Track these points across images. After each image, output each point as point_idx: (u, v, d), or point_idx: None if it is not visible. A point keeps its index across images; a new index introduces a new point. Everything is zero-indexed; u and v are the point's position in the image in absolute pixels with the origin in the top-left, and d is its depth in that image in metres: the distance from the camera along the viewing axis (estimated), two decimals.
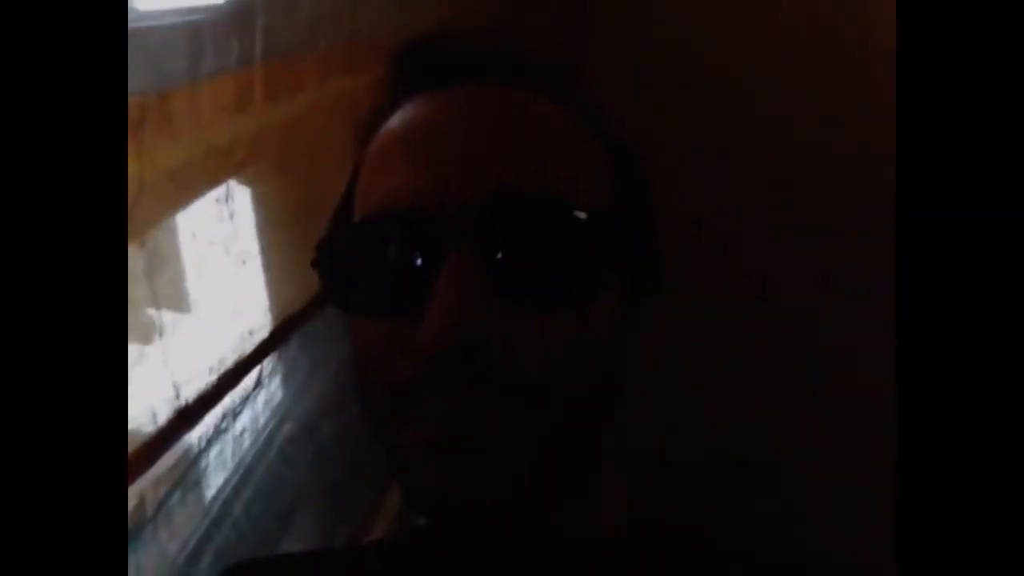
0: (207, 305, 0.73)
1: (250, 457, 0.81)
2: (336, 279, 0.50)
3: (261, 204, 0.76)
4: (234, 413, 0.78)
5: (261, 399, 0.81)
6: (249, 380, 0.78)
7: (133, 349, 0.66)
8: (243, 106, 0.70)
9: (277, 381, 0.84)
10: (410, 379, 0.45)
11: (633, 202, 0.52)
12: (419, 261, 0.45)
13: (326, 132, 0.79)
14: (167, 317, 0.69)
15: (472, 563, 0.50)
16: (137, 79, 0.59)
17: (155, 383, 0.66)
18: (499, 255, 0.44)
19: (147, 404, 0.65)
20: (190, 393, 0.69)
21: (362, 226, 0.50)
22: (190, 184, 0.68)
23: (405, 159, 0.48)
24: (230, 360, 0.75)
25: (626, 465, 0.55)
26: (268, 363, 0.81)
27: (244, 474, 0.81)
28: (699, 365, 0.99)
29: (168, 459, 0.68)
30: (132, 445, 0.62)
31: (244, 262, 0.81)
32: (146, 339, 0.68)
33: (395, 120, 0.51)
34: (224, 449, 0.77)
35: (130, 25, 0.51)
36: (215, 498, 0.77)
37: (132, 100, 0.59)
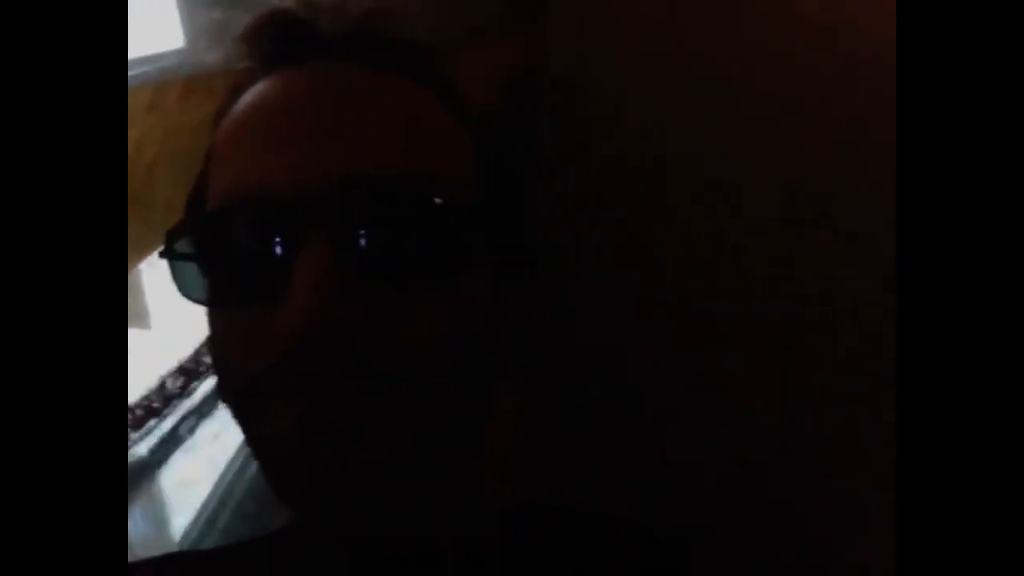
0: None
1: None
2: (189, 270, 0.47)
3: (173, 204, 0.73)
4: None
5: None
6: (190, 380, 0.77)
7: None
8: (155, 109, 0.67)
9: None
10: (272, 369, 0.43)
11: (497, 188, 0.51)
12: (277, 247, 0.43)
13: None
14: None
15: (344, 555, 0.48)
16: None
17: None
18: (358, 238, 0.43)
19: None
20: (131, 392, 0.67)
21: (216, 215, 0.47)
22: None
23: (255, 142, 0.46)
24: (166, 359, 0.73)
25: (510, 447, 0.55)
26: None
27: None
28: (698, 365, 1.00)
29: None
30: None
31: (151, 264, 0.78)
32: None
33: (246, 99, 0.48)
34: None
35: None
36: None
37: None
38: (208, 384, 0.82)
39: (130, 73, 0.63)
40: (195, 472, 0.81)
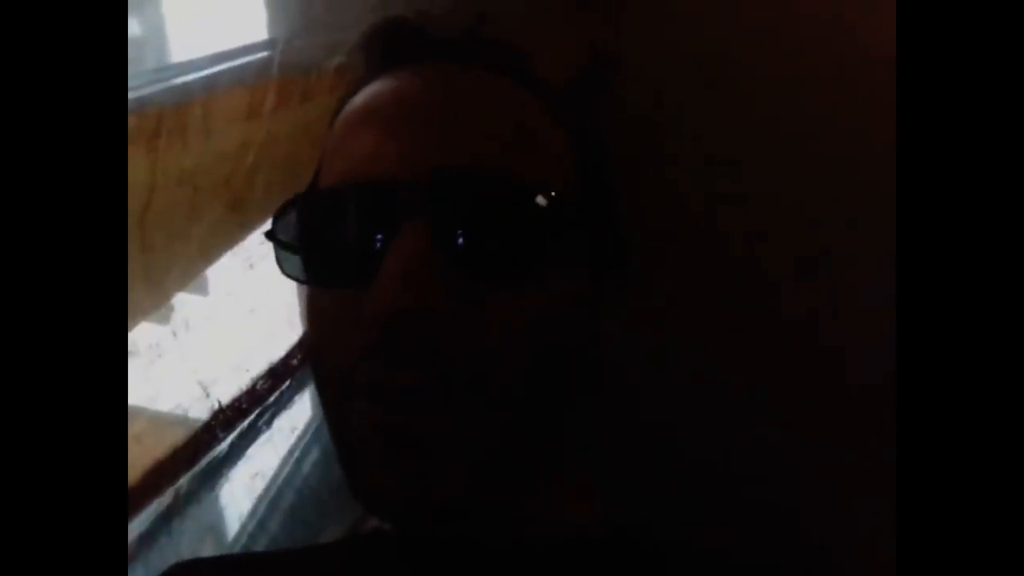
0: (223, 305, 0.75)
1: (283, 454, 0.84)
2: (292, 251, 0.48)
3: (269, 208, 0.78)
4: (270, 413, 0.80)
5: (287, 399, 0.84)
6: (279, 382, 0.80)
7: (152, 347, 0.69)
8: (254, 115, 0.72)
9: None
10: (360, 353, 0.43)
11: (596, 189, 0.51)
12: (375, 232, 0.44)
13: None
14: (182, 316, 0.72)
15: (426, 565, 0.48)
16: (155, 91, 0.62)
17: (179, 381, 0.68)
18: (455, 230, 0.44)
19: (176, 403, 0.67)
20: (223, 393, 0.71)
21: (320, 197, 0.49)
22: (201, 188, 0.70)
23: (366, 131, 0.47)
24: (259, 360, 0.77)
25: (589, 464, 0.53)
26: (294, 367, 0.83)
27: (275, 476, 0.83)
28: (696, 364, 0.99)
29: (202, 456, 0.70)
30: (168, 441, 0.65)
31: (251, 266, 0.83)
32: (160, 340, 0.70)
33: (358, 98, 0.50)
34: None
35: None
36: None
37: (150, 111, 0.62)
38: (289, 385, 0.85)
39: (221, 68, 0.68)
40: (268, 464, 0.86)
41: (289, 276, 0.49)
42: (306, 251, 0.48)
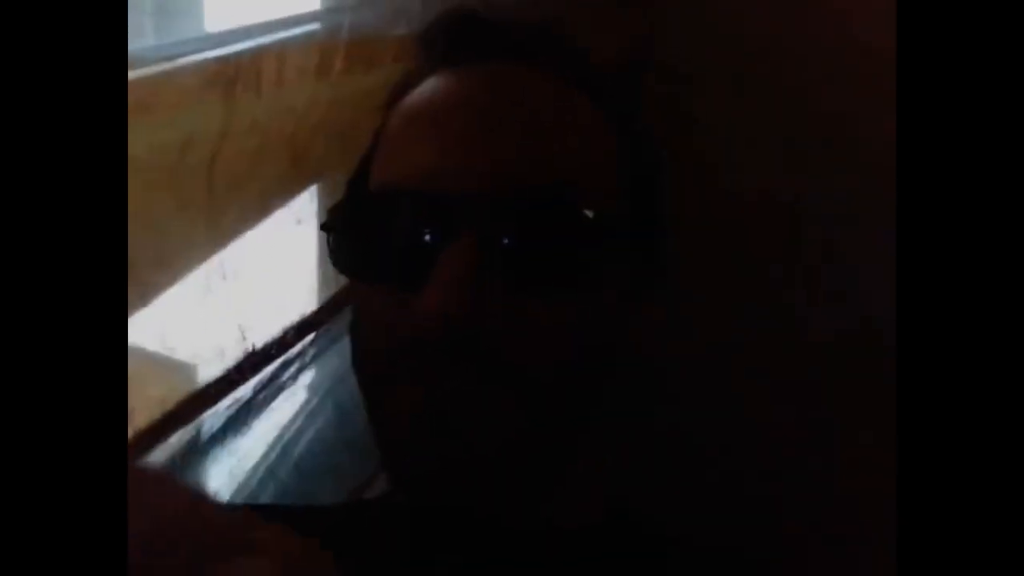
0: (269, 256, 0.78)
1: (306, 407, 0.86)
2: (345, 245, 0.50)
3: (326, 170, 0.81)
4: (297, 365, 0.82)
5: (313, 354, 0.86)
6: (308, 336, 0.83)
7: (198, 289, 0.71)
8: (323, 74, 0.74)
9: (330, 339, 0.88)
10: (406, 344, 0.45)
11: (644, 201, 0.52)
12: (428, 237, 0.45)
13: None
14: (231, 262, 0.75)
15: (441, 543, 0.49)
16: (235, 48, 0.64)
17: (221, 323, 0.71)
18: (505, 242, 0.45)
19: (215, 343, 0.70)
20: (257, 338, 0.74)
21: (377, 197, 0.50)
22: (268, 141, 0.72)
23: (426, 135, 0.48)
24: (293, 311, 0.80)
25: (604, 455, 0.55)
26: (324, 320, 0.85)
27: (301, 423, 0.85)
28: (705, 360, 1.00)
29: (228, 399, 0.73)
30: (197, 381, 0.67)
31: (299, 221, 0.85)
32: (210, 280, 0.73)
33: (420, 92, 0.51)
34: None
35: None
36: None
37: (230, 60, 0.65)
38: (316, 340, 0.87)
39: (296, 31, 0.70)
40: (288, 418, 0.88)
41: (340, 269, 0.51)
42: (359, 248, 0.50)
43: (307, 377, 0.86)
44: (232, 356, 0.76)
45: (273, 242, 0.82)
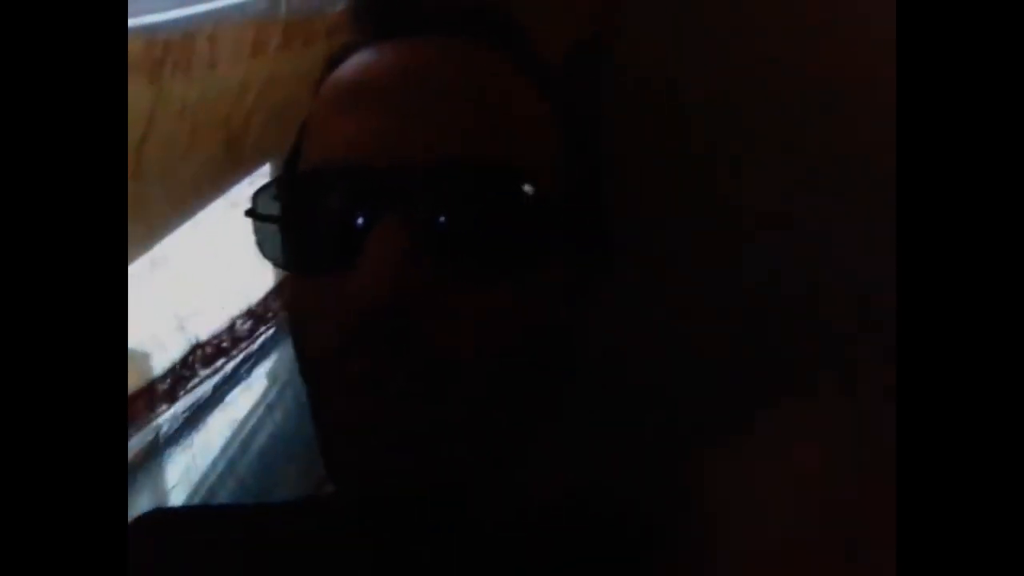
0: (205, 243, 0.75)
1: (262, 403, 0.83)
2: (270, 232, 0.47)
3: (263, 152, 0.77)
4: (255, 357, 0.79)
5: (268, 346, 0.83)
6: (258, 324, 0.80)
7: (132, 277, 0.68)
8: (258, 52, 0.71)
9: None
10: (340, 340, 0.43)
11: (583, 181, 0.50)
12: (357, 216, 0.43)
13: None
14: (164, 250, 0.71)
15: (388, 531, 0.47)
16: (163, 20, 0.61)
17: (156, 313, 0.67)
18: (439, 219, 0.43)
19: (152, 334, 0.66)
20: (200, 329, 0.71)
21: (303, 177, 0.47)
22: (199, 123, 0.69)
23: (352, 107, 0.45)
24: (239, 300, 0.77)
25: (564, 440, 0.53)
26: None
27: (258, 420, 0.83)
28: (697, 363, 1.00)
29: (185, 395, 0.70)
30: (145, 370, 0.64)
31: (234, 204, 0.82)
32: (139, 269, 0.69)
33: (348, 65, 0.48)
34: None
35: None
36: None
37: (157, 39, 0.61)
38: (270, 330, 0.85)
39: (231, 4, 0.67)
40: (246, 411, 0.86)
41: (268, 259, 0.47)
42: (285, 234, 0.46)
43: (264, 368, 0.83)
44: (175, 347, 0.72)
45: (210, 229, 0.79)
